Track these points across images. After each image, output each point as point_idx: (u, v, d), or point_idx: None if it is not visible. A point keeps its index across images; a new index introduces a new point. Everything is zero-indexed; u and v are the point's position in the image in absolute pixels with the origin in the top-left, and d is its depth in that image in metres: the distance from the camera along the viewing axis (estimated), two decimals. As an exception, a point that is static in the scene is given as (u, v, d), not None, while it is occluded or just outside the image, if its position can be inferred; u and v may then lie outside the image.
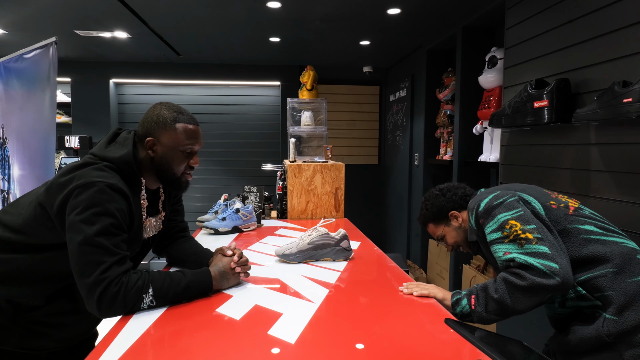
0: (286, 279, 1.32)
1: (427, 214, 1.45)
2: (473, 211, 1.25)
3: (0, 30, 3.21)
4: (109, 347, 0.85)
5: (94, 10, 2.80)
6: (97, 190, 1.00)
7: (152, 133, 1.16)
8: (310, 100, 2.89)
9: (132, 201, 1.09)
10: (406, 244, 4.15)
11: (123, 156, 1.10)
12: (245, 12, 2.82)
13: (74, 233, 0.98)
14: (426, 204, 1.45)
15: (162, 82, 4.56)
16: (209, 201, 4.64)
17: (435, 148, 3.63)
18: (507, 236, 1.09)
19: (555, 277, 0.99)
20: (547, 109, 1.74)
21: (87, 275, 0.97)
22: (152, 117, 1.17)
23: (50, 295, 1.10)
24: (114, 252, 1.00)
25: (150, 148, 1.16)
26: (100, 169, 1.06)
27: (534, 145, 2.06)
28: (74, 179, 1.02)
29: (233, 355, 0.84)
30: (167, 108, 1.19)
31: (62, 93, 4.37)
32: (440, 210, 1.41)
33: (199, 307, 1.08)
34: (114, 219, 1.01)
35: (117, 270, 0.99)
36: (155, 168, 1.18)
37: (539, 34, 2.01)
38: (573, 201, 1.23)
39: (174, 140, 1.16)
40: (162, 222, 1.34)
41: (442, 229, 1.43)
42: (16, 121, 2.84)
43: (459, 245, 1.41)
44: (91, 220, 0.98)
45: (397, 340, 0.90)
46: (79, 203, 0.99)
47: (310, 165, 2.45)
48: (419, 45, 3.73)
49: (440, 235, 1.44)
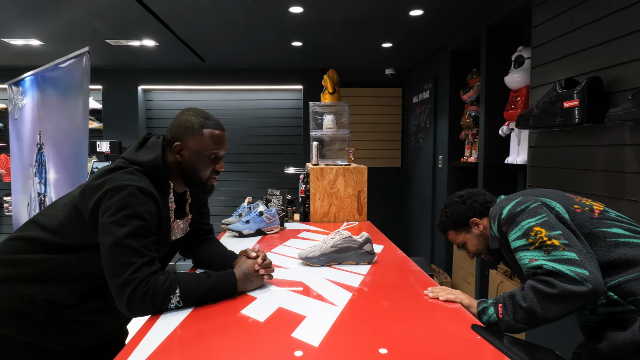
0: (309, 282, 1.32)
1: (447, 221, 1.42)
2: (495, 219, 1.23)
3: (37, 42, 3.38)
4: (138, 346, 0.88)
5: (124, 20, 2.91)
6: (128, 193, 1.04)
7: (180, 138, 1.20)
8: (333, 103, 2.89)
9: (161, 204, 1.13)
10: (430, 247, 4.08)
11: (152, 160, 1.14)
12: (268, 17, 2.86)
13: (106, 235, 1.02)
14: (446, 211, 1.42)
15: (188, 87, 4.67)
16: (232, 204, 4.71)
17: (460, 150, 3.56)
18: (533, 243, 1.07)
19: (587, 283, 0.96)
20: (577, 109, 1.69)
21: (117, 275, 1.00)
22: (180, 123, 1.21)
23: (84, 295, 1.14)
24: (144, 253, 1.03)
25: (178, 152, 1.20)
26: (130, 172, 1.10)
27: (563, 147, 1.99)
28: (106, 182, 1.06)
29: (257, 356, 0.85)
30: (195, 114, 1.22)
31: (94, 100, 4.54)
32: (461, 218, 1.39)
33: (223, 308, 1.10)
34: (144, 222, 1.05)
35: (146, 271, 1.02)
36: (182, 172, 1.22)
37: (568, 32, 1.95)
38: (598, 204, 1.19)
39: (201, 145, 1.20)
40: (189, 225, 1.37)
41: (462, 236, 1.41)
42: (52, 127, 2.97)
43: (481, 252, 1.40)
44: (122, 223, 1.02)
45: (421, 346, 0.89)
46: (110, 206, 1.03)
47: (333, 168, 2.45)
48: (442, 46, 3.68)
49: (462, 242, 1.42)
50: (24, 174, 3.43)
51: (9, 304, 1.08)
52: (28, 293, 1.08)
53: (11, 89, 3.60)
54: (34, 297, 1.08)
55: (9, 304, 1.08)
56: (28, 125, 3.29)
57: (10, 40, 3.34)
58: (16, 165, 3.58)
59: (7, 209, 4.52)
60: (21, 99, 3.40)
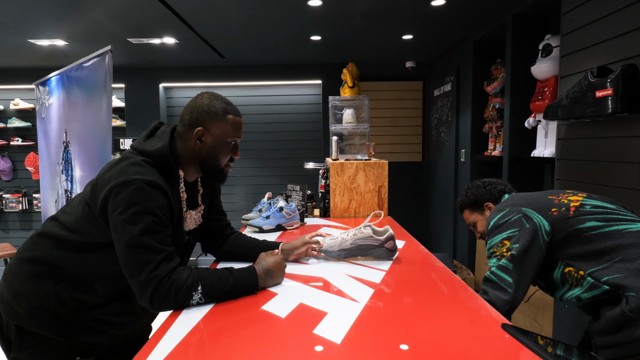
0: (330, 278, 1.31)
1: (465, 200, 1.61)
2: (487, 226, 1.39)
3: (62, 42, 3.47)
4: (161, 341, 0.88)
5: (146, 19, 2.94)
6: (136, 188, 1.00)
7: (202, 123, 1.15)
8: (352, 97, 2.85)
9: (171, 195, 1.09)
10: (452, 243, 4.01)
11: (160, 149, 1.10)
12: (287, 12, 2.84)
13: (119, 234, 1.00)
14: (467, 192, 1.61)
15: (208, 84, 4.72)
16: (252, 200, 4.74)
17: (483, 143, 3.47)
18: (495, 252, 1.28)
19: (508, 294, 1.20)
20: (611, 99, 1.60)
21: (137, 275, 0.99)
22: (203, 107, 1.16)
23: (110, 296, 1.14)
24: (160, 249, 1.01)
25: (199, 138, 1.15)
26: (137, 164, 1.06)
27: (595, 138, 1.90)
28: (113, 177, 1.03)
29: (278, 352, 0.84)
30: (216, 98, 1.19)
31: (117, 98, 4.64)
32: (477, 200, 1.57)
33: (245, 304, 1.09)
34: (156, 217, 1.02)
35: (167, 267, 1.01)
36: (200, 159, 1.17)
37: (600, 18, 1.85)
38: (577, 198, 1.29)
39: (224, 131, 1.17)
40: (202, 216, 1.33)
41: (475, 216, 1.59)
42: (77, 126, 3.05)
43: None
44: (133, 220, 0.99)
45: (444, 343, 0.86)
46: (119, 203, 1.00)
47: (353, 163, 2.42)
48: (465, 37, 3.58)
49: (473, 222, 1.60)
50: (51, 172, 3.53)
51: (38, 302, 1.08)
52: (55, 291, 1.09)
53: (38, 89, 3.71)
54: (61, 296, 1.09)
55: (38, 302, 1.09)
56: (55, 124, 3.39)
57: (37, 42, 3.44)
58: (44, 163, 3.69)
59: (37, 206, 4.68)
60: (48, 99, 3.50)
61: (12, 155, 4.74)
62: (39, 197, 4.44)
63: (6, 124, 4.63)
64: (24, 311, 1.09)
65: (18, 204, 4.69)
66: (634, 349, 1.09)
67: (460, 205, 1.64)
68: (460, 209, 1.65)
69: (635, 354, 1.09)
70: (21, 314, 1.09)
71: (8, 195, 4.68)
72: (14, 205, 4.69)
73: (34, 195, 4.70)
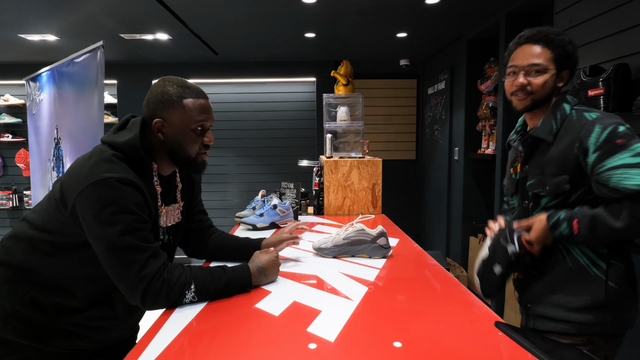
0: (324, 276, 1.31)
1: (561, 42, 1.13)
2: (602, 123, 1.05)
3: (53, 37, 3.42)
4: (153, 340, 0.87)
5: (138, 14, 2.91)
6: (108, 187, 0.94)
7: (159, 114, 1.06)
8: (346, 95, 2.85)
9: (146, 191, 1.03)
10: (445, 241, 4.03)
11: (129, 140, 1.02)
12: (281, 9, 2.82)
13: (97, 237, 0.95)
14: (566, 36, 1.15)
15: (201, 81, 4.68)
16: (246, 197, 4.72)
17: (477, 142, 3.49)
18: None
19: None
20: (603, 98, 1.62)
21: (124, 277, 0.96)
22: (157, 96, 1.07)
23: (90, 300, 1.08)
24: (145, 247, 0.98)
25: (159, 130, 1.07)
26: (108, 159, 0.99)
27: (587, 137, 1.92)
28: (82, 176, 0.97)
29: (273, 351, 0.83)
30: (171, 83, 1.08)
31: (109, 95, 4.59)
32: (567, 57, 1.14)
33: (238, 302, 1.08)
34: (134, 214, 0.97)
35: (155, 264, 0.98)
36: (167, 151, 1.09)
37: (593, 17, 1.86)
38: None
39: (184, 118, 1.06)
40: (182, 213, 1.25)
41: (546, 65, 1.13)
42: (68, 122, 3.01)
43: (533, 98, 1.16)
44: (111, 221, 0.94)
45: (437, 340, 0.86)
46: (92, 204, 0.94)
47: (347, 160, 2.42)
48: (459, 35, 3.59)
49: (538, 66, 1.13)
50: (42, 168, 3.49)
51: (12, 309, 1.03)
52: (30, 296, 1.03)
53: (29, 85, 3.66)
54: (37, 300, 1.04)
55: (12, 308, 1.03)
56: (45, 120, 3.35)
57: (27, 36, 3.39)
58: (35, 159, 3.65)
59: (27, 203, 4.63)
60: (38, 95, 3.46)
61: (2, 152, 4.67)
62: (30, 194, 4.39)
63: (-4, 120, 4.56)
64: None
65: (8, 201, 4.63)
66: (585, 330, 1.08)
67: (544, 36, 1.13)
68: (540, 40, 1.14)
69: (584, 334, 1.08)
70: None
71: (-2, 192, 4.62)
72: (4, 202, 4.62)
73: (25, 192, 4.64)
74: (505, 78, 1.20)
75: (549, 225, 1.11)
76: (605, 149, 1.03)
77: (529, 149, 1.21)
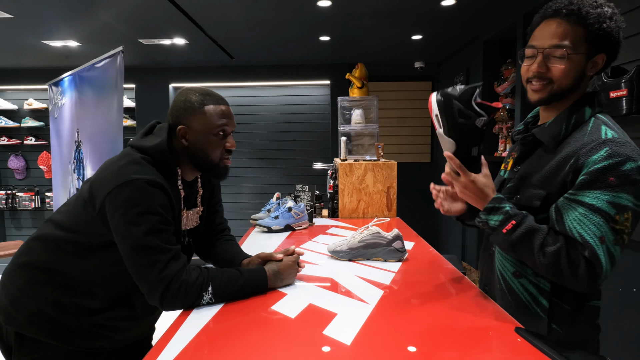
0: (339, 279, 1.30)
1: (596, 18, 0.89)
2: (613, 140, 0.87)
3: (75, 43, 3.51)
4: (171, 341, 0.89)
5: (156, 20, 2.97)
6: (136, 188, 0.98)
7: (182, 121, 1.11)
8: (361, 97, 2.85)
9: (172, 194, 1.07)
10: (461, 244, 3.98)
11: (157, 145, 1.08)
12: (296, 12, 2.84)
13: (122, 236, 0.99)
14: (609, 8, 0.91)
15: (217, 84, 4.74)
16: (260, 200, 4.75)
17: (493, 144, 3.44)
18: (615, 220, 0.84)
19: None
20: (625, 99, 1.58)
21: (145, 276, 0.99)
22: (180, 104, 1.12)
23: (110, 300, 1.11)
24: (167, 249, 1.00)
25: (183, 137, 1.12)
26: (136, 162, 1.04)
27: (608, 140, 1.87)
28: (112, 177, 1.01)
29: (290, 353, 0.84)
30: (194, 92, 1.14)
31: (127, 98, 4.68)
32: (605, 37, 0.90)
33: (255, 304, 1.09)
34: (159, 216, 1.00)
35: (175, 266, 1.01)
36: (191, 157, 1.14)
37: (614, 17, 1.82)
38: None
39: (205, 124, 1.11)
40: (200, 217, 1.29)
41: (572, 48, 0.91)
42: (89, 125, 3.09)
43: (552, 88, 0.95)
44: (137, 221, 0.97)
45: (453, 345, 0.85)
46: (120, 204, 0.98)
47: (362, 163, 2.42)
48: (475, 37, 3.55)
49: (561, 49, 0.91)
50: (63, 171, 3.58)
51: (36, 308, 1.06)
52: (53, 297, 1.06)
53: (51, 89, 3.77)
54: (60, 301, 1.07)
55: (36, 308, 1.06)
56: (67, 124, 3.44)
57: (50, 42, 3.49)
58: (56, 162, 3.74)
59: (49, 204, 4.75)
60: (60, 99, 3.55)
61: (25, 154, 4.81)
62: (52, 195, 4.50)
63: (20, 123, 4.70)
64: (22, 317, 1.07)
65: (31, 202, 4.76)
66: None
67: (576, 8, 0.90)
68: (568, 12, 0.90)
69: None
70: (19, 320, 1.07)
71: (21, 193, 4.76)
72: (27, 204, 4.76)
73: (47, 194, 4.77)
74: (523, 60, 0.98)
75: (487, 205, 0.95)
76: (594, 177, 0.85)
77: (526, 148, 1.04)
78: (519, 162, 1.07)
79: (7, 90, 4.78)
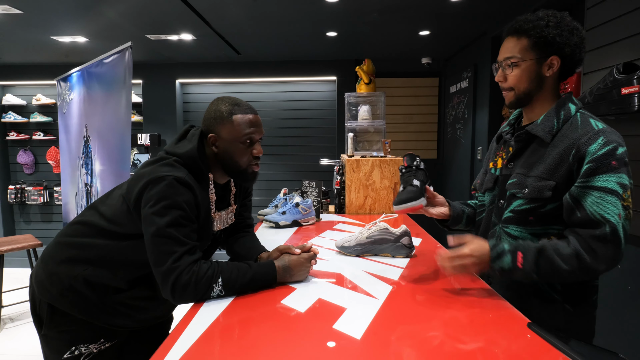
0: (347, 274, 1.31)
1: (533, 26, 1.06)
2: (595, 137, 0.99)
3: (83, 39, 3.53)
4: (184, 333, 0.90)
5: (164, 16, 2.97)
6: (166, 184, 1.07)
7: (213, 129, 1.21)
8: (368, 93, 2.84)
9: (199, 194, 1.15)
10: (467, 241, 3.96)
11: (188, 152, 1.16)
12: (303, 8, 2.83)
13: (148, 225, 1.07)
14: (549, 19, 1.08)
15: (223, 80, 4.75)
16: (267, 195, 4.77)
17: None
18: (623, 197, 0.96)
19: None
20: (637, 96, 1.56)
21: (160, 264, 1.05)
22: (211, 114, 1.22)
23: (133, 281, 1.20)
24: (184, 242, 1.07)
25: (214, 144, 1.21)
26: (169, 164, 1.14)
27: (619, 136, 1.86)
28: (146, 174, 1.11)
29: (300, 347, 0.84)
30: (224, 102, 1.22)
31: (134, 94, 4.70)
32: (547, 42, 1.05)
33: (264, 298, 1.10)
34: (183, 211, 1.08)
35: (188, 259, 1.05)
36: (220, 163, 1.23)
37: (627, 12, 1.80)
38: None
39: (233, 132, 1.19)
40: (234, 215, 1.39)
41: (519, 57, 1.08)
42: (97, 121, 3.11)
43: (515, 93, 1.11)
44: (162, 213, 1.06)
45: (464, 341, 0.85)
46: (151, 197, 1.07)
47: (369, 159, 2.42)
48: (483, 33, 3.52)
49: (510, 60, 1.09)
50: (72, 166, 3.61)
51: (69, 284, 1.16)
52: (83, 275, 1.16)
53: (60, 85, 3.79)
54: (89, 279, 1.16)
55: (69, 283, 1.16)
56: (75, 119, 3.46)
57: (59, 38, 3.51)
58: (65, 157, 3.78)
59: (57, 199, 4.80)
60: (69, 94, 3.58)
61: (34, 149, 4.86)
62: (60, 190, 4.55)
63: (28, 118, 4.74)
64: (56, 290, 1.16)
65: (39, 197, 4.81)
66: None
67: (515, 29, 1.09)
68: (508, 32, 1.11)
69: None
70: (53, 293, 1.16)
71: (30, 188, 4.81)
72: (36, 198, 4.81)
73: (55, 189, 4.82)
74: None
75: (491, 256, 1.04)
76: (599, 163, 0.97)
77: (521, 145, 1.13)
78: (513, 159, 1.16)
79: (16, 85, 4.82)
